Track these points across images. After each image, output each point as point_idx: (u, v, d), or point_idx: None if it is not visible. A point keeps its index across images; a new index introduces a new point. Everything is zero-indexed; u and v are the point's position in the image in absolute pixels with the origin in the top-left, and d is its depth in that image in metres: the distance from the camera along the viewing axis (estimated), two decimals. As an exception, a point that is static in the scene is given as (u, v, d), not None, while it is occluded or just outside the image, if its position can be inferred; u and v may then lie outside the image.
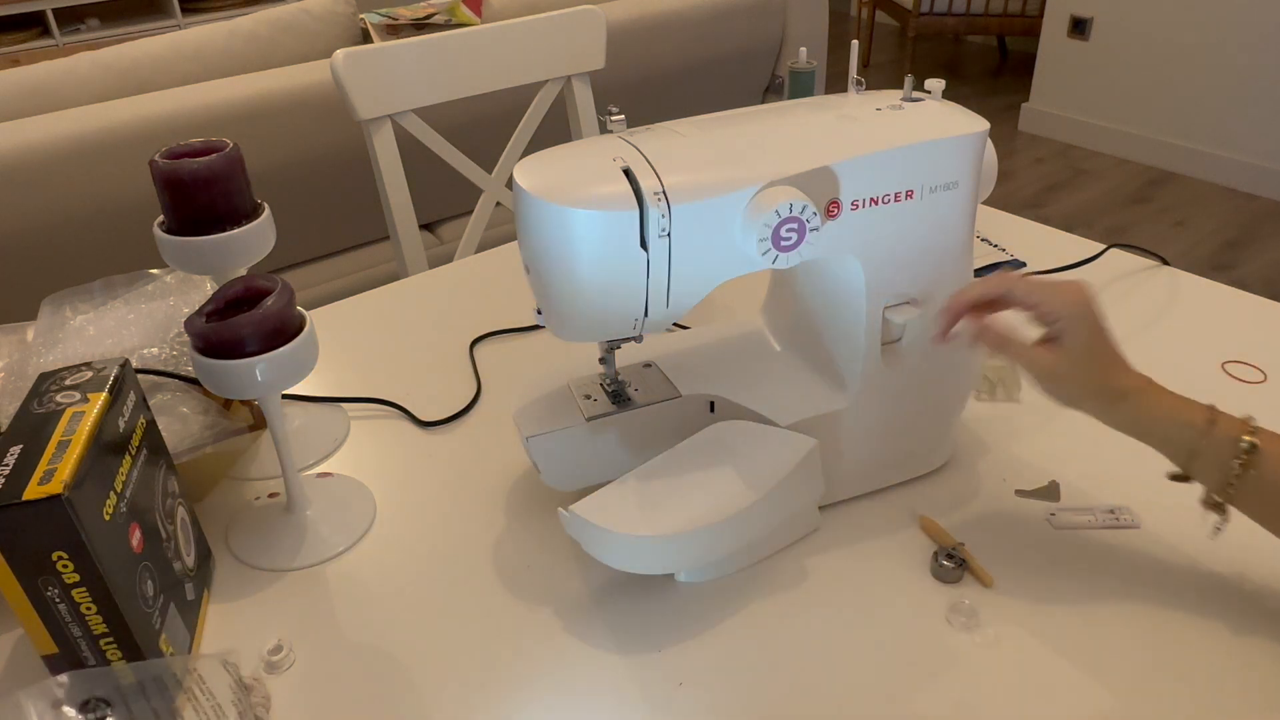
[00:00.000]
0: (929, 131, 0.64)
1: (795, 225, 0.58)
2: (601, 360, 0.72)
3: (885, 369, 0.69)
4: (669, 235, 0.58)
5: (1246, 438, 0.56)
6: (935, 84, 0.69)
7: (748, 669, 0.61)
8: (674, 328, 0.87)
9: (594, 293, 0.60)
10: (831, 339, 0.71)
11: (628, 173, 0.59)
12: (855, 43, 0.82)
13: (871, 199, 0.63)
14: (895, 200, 0.64)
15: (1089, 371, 0.60)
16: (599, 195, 0.58)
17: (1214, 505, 0.59)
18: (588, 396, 0.72)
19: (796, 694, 0.59)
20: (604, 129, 0.65)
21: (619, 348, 0.70)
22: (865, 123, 0.65)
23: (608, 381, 0.73)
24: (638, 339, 0.65)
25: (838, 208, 0.62)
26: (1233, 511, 0.59)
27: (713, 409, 0.72)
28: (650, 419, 0.71)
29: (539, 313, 0.66)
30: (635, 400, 0.71)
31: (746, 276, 0.63)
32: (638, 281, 0.60)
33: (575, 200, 0.58)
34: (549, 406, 0.72)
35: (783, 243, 0.59)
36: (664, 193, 0.58)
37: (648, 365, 0.75)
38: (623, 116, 0.64)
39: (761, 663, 0.61)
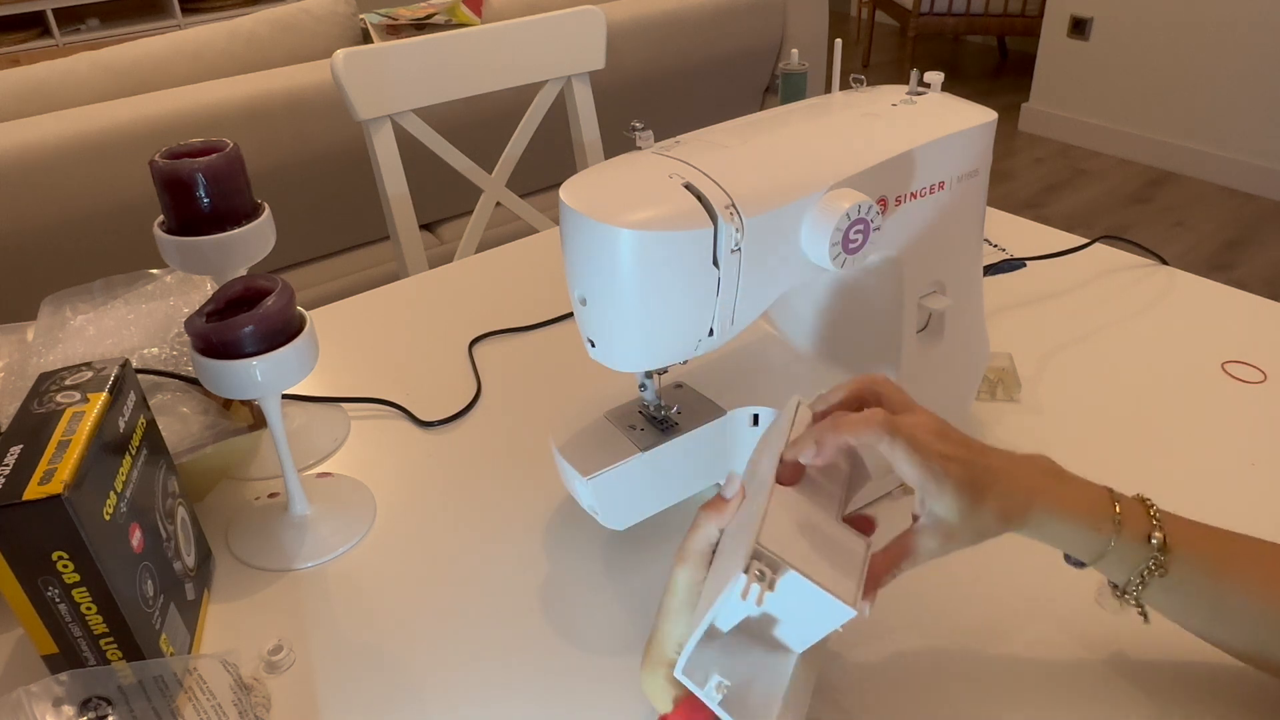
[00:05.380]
0: (952, 124, 0.65)
1: (861, 226, 0.58)
2: (642, 386, 0.69)
3: (919, 358, 0.70)
4: (740, 249, 0.57)
5: (1156, 535, 0.52)
6: (934, 76, 0.69)
7: (748, 669, 0.61)
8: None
9: (665, 318, 0.58)
10: (867, 334, 0.70)
11: (690, 188, 0.56)
12: (839, 41, 0.83)
13: (913, 193, 0.64)
14: (930, 193, 0.65)
15: (977, 516, 0.51)
16: (668, 215, 0.55)
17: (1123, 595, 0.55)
18: (632, 427, 0.69)
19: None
20: (633, 145, 0.62)
21: (665, 372, 0.68)
22: (890, 119, 0.65)
23: (652, 407, 0.70)
24: (684, 361, 0.63)
25: (885, 205, 0.63)
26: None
27: (756, 422, 0.70)
28: (699, 441, 0.69)
29: (592, 344, 0.62)
30: (681, 424, 0.69)
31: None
32: (708, 301, 0.58)
33: (645, 223, 0.55)
34: (594, 443, 0.67)
35: (850, 245, 0.58)
36: (735, 206, 0.56)
37: (679, 386, 0.73)
38: (650, 131, 0.61)
39: (761, 663, 0.61)
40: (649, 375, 0.67)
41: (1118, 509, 0.53)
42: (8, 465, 0.52)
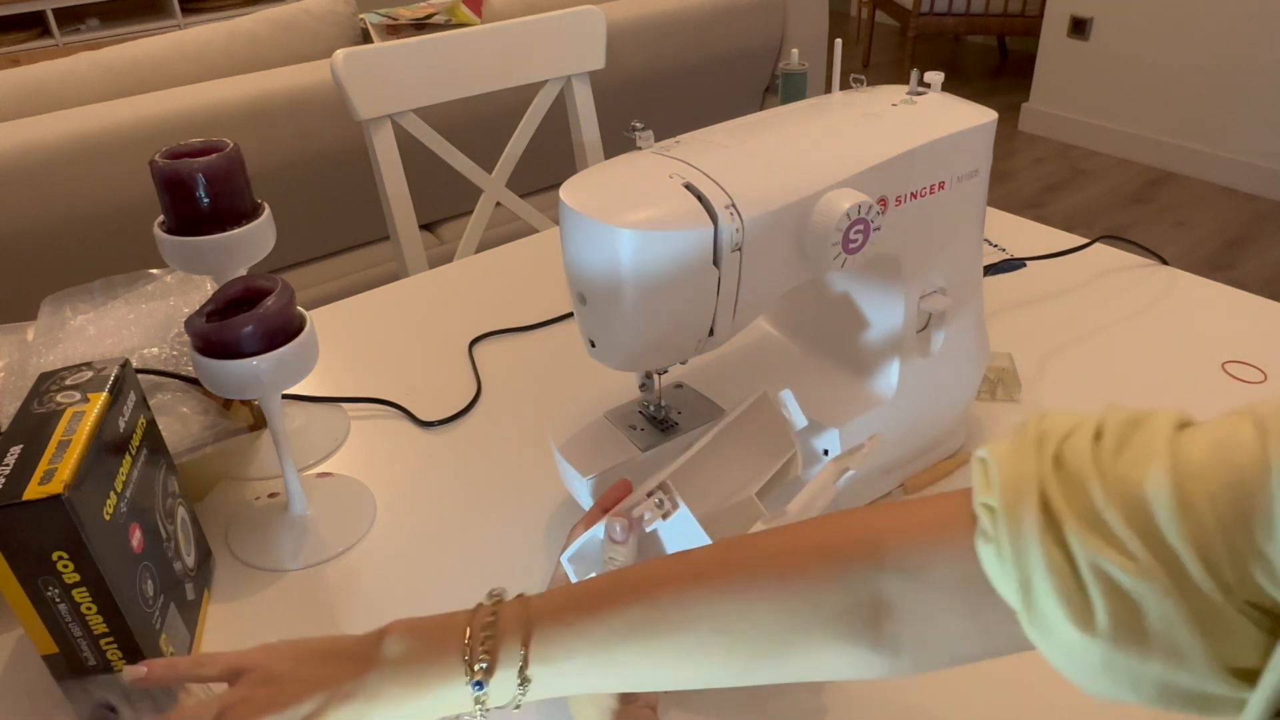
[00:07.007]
0: (953, 124, 0.65)
1: (861, 226, 0.58)
2: (642, 386, 0.69)
3: (919, 358, 0.70)
4: (740, 249, 0.57)
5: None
6: (934, 76, 0.69)
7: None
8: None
9: (666, 318, 0.58)
10: (868, 335, 0.70)
11: (690, 188, 0.56)
12: (839, 41, 0.83)
13: (913, 193, 0.64)
14: (930, 193, 0.65)
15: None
16: (669, 215, 0.55)
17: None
18: (633, 427, 0.69)
19: (778, 706, 0.59)
20: (633, 145, 0.62)
21: (665, 372, 0.68)
22: (890, 119, 0.65)
23: (652, 408, 0.70)
24: (683, 361, 0.63)
25: (885, 205, 0.62)
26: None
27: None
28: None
29: (592, 344, 0.62)
30: (681, 424, 0.69)
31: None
32: (708, 300, 0.58)
33: (645, 223, 0.55)
34: (595, 443, 0.68)
35: (850, 245, 0.58)
36: (734, 206, 0.56)
37: (679, 386, 0.73)
38: (650, 131, 0.61)
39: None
40: (649, 375, 0.67)
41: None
42: (8, 465, 0.52)
